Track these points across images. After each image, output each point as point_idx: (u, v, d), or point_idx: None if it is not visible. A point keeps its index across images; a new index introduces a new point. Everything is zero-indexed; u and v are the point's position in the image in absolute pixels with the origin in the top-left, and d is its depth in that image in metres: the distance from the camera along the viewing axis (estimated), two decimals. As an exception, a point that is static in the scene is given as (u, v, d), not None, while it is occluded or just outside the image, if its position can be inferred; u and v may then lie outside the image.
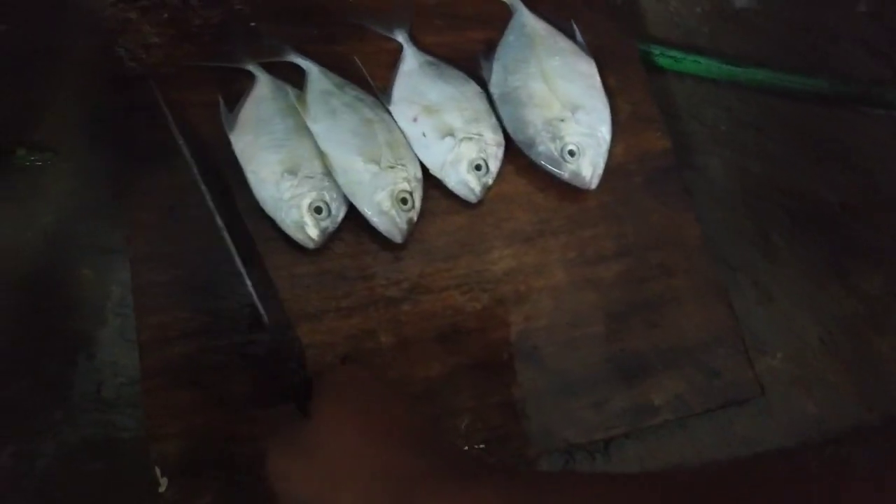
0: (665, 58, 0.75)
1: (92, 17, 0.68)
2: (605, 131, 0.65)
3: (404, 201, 0.60)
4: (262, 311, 0.54)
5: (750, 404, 0.63)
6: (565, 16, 0.71)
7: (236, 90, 0.64)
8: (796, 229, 0.71)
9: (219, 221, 0.55)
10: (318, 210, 0.59)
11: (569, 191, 0.65)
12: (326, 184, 0.60)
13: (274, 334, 0.55)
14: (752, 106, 0.76)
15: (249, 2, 0.68)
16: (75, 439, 0.57)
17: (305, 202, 0.59)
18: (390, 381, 0.59)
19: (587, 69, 0.67)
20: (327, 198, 0.60)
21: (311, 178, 0.60)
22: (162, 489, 0.53)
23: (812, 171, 0.74)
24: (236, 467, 0.55)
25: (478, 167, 0.63)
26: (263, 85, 0.63)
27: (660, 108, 0.71)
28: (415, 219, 0.61)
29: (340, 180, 0.60)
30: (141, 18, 0.66)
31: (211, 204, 0.56)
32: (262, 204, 0.60)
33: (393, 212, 0.60)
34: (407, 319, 0.60)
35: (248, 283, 0.54)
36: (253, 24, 0.67)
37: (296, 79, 0.65)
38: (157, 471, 0.54)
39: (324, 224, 0.60)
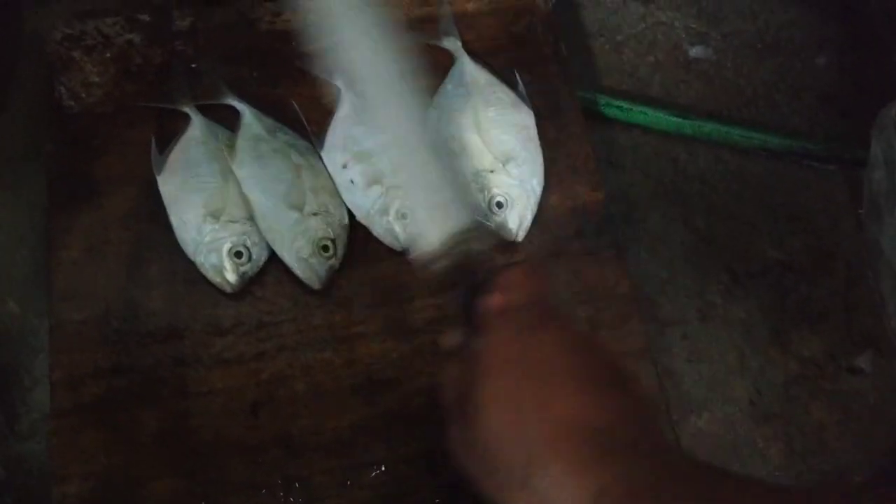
0: (612, 108, 0.75)
1: (38, 52, 0.70)
2: (535, 184, 0.65)
3: (325, 248, 0.60)
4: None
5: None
6: (511, 66, 0.71)
7: (174, 130, 0.65)
8: (735, 287, 0.70)
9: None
10: (238, 254, 0.60)
11: (498, 243, 0.65)
12: (249, 228, 0.61)
13: None
14: (700, 159, 0.76)
15: (192, 43, 0.69)
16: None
17: (226, 246, 0.60)
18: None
19: (524, 120, 0.67)
20: (248, 242, 0.60)
21: (234, 222, 0.61)
22: (59, 531, 0.53)
23: (756, 228, 0.73)
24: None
25: (404, 216, 0.63)
26: (196, 127, 0.64)
27: (604, 159, 0.71)
28: (336, 266, 0.61)
29: (262, 226, 0.60)
30: (84, 57, 0.67)
31: None
32: (183, 246, 0.60)
33: (313, 259, 0.60)
34: (322, 368, 0.60)
35: None
36: (194, 65, 0.68)
37: (233, 121, 0.66)
38: (58, 512, 0.54)
39: (243, 269, 0.60)
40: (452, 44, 0.71)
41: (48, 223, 0.61)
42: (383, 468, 0.58)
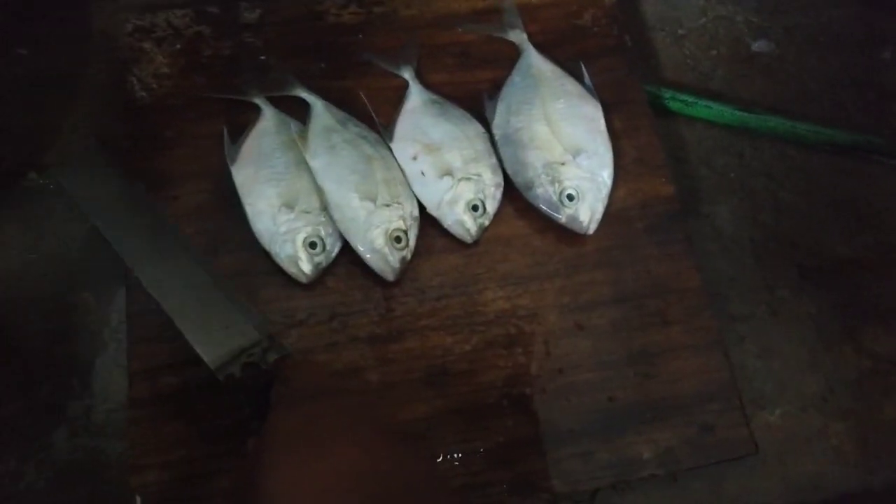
0: (676, 102, 0.74)
1: (109, 45, 0.70)
2: (606, 176, 0.65)
3: (398, 240, 0.60)
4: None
5: (744, 461, 0.61)
6: (576, 57, 0.71)
7: (243, 122, 0.65)
8: (804, 283, 0.69)
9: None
10: (312, 245, 0.60)
11: (567, 235, 0.64)
12: (322, 219, 0.61)
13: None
14: (765, 154, 0.75)
15: (260, 35, 0.69)
16: (62, 462, 0.58)
17: (300, 237, 0.60)
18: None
19: (592, 112, 0.67)
20: (322, 233, 0.60)
21: (308, 213, 0.61)
22: (139, 517, 0.54)
23: (824, 224, 0.72)
24: (215, 503, 0.55)
25: (475, 207, 0.63)
26: (268, 118, 0.64)
27: (668, 153, 0.70)
28: (408, 257, 0.61)
29: (335, 216, 0.60)
30: (155, 49, 0.67)
31: None
32: (257, 236, 0.60)
33: (386, 250, 0.60)
34: (395, 358, 0.60)
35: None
36: (262, 57, 0.68)
37: (302, 113, 0.66)
38: (138, 499, 0.54)
39: (317, 259, 0.60)
40: (517, 36, 0.71)
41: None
42: (456, 459, 0.58)
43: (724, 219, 0.72)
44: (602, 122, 0.67)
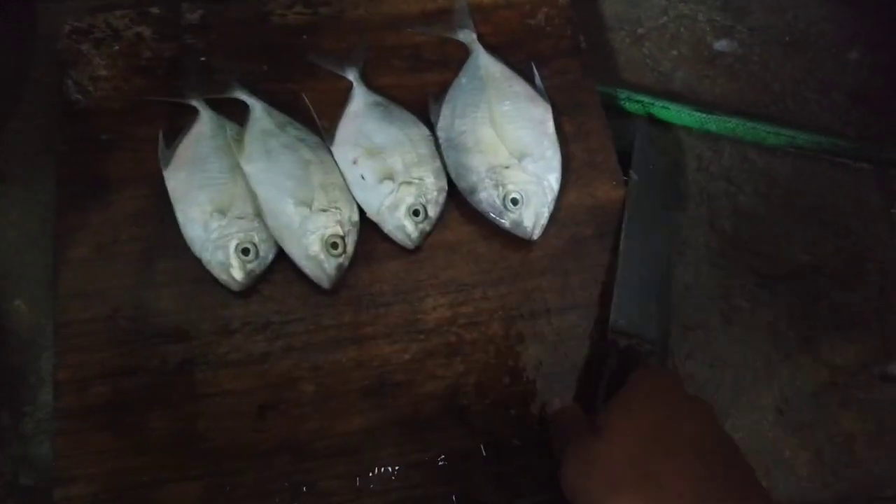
0: (633, 102, 0.72)
1: (50, 47, 0.69)
2: (552, 180, 0.63)
3: (335, 245, 0.59)
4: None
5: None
6: (528, 58, 0.69)
7: (183, 126, 0.64)
8: (761, 291, 0.67)
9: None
10: (245, 251, 0.58)
11: (513, 241, 0.63)
12: (256, 225, 0.59)
13: None
14: (725, 157, 0.73)
15: (202, 37, 0.67)
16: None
17: (233, 243, 0.58)
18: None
19: (541, 115, 0.65)
20: (256, 239, 0.59)
21: (241, 218, 0.59)
22: (60, 534, 0.52)
23: (784, 230, 0.70)
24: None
25: (416, 213, 0.61)
26: (204, 121, 0.63)
27: (620, 156, 0.68)
28: (345, 264, 0.59)
29: (270, 223, 0.59)
30: (92, 50, 0.66)
31: None
32: (189, 243, 0.59)
33: (321, 256, 0.58)
34: (331, 369, 0.58)
35: None
36: (203, 58, 0.67)
37: (244, 117, 0.64)
38: (56, 514, 0.53)
39: (250, 266, 0.58)
40: (467, 36, 0.69)
41: (57, 221, 0.60)
42: (394, 473, 0.56)
43: (681, 224, 0.69)
44: (551, 124, 0.65)
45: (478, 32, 0.69)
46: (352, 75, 0.66)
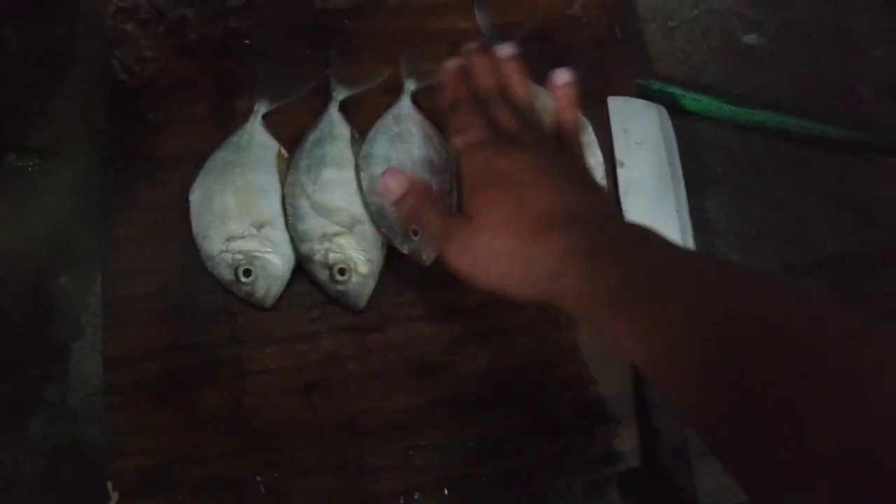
0: (665, 94, 0.73)
1: (96, 27, 0.69)
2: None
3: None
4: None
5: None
6: (566, 48, 0.70)
7: (231, 106, 0.64)
8: (792, 280, 0.68)
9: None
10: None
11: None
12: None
13: None
14: (756, 148, 0.74)
15: (247, 19, 0.68)
16: (36, 446, 0.57)
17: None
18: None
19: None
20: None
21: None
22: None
23: (814, 220, 0.71)
24: (192, 491, 0.55)
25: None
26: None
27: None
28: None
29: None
30: (138, 31, 0.66)
31: None
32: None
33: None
34: (375, 349, 0.59)
35: None
36: (247, 41, 0.67)
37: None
38: (109, 485, 0.54)
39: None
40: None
41: (107, 199, 0.61)
42: (431, 452, 0.58)
43: (711, 213, 0.71)
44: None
45: (514, 21, 0.70)
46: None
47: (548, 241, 0.45)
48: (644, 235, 0.45)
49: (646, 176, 0.66)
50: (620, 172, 0.66)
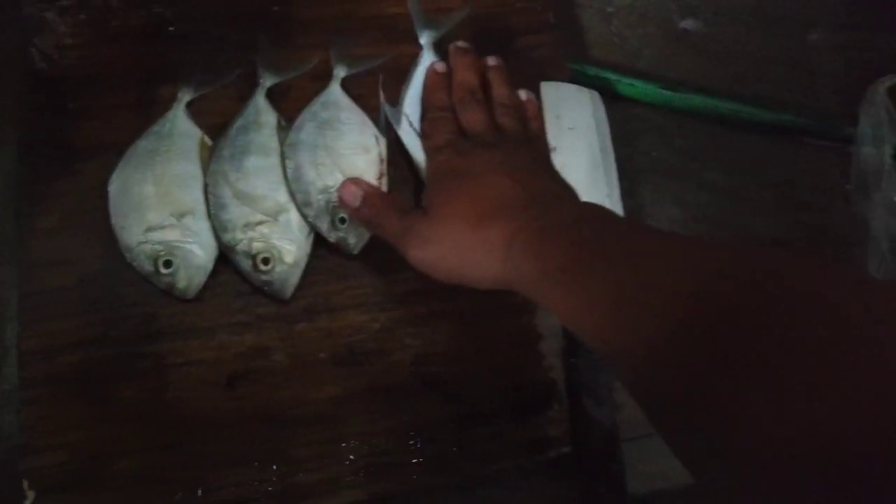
0: (600, 79, 0.73)
1: (15, 15, 0.67)
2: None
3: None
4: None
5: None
6: (501, 33, 0.70)
7: (156, 95, 0.63)
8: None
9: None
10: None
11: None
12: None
13: None
14: (691, 133, 0.74)
15: (170, 5, 0.66)
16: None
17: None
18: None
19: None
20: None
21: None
22: (28, 503, 0.52)
23: (750, 205, 0.72)
24: (112, 486, 0.54)
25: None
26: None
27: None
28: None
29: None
30: (57, 18, 0.65)
31: None
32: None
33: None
34: (302, 338, 0.59)
35: None
36: (172, 28, 0.66)
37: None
38: (25, 483, 0.52)
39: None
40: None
41: (23, 191, 0.59)
42: (359, 441, 0.57)
43: (645, 198, 0.71)
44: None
45: (446, 7, 0.69)
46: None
47: (498, 224, 0.47)
48: (601, 213, 0.47)
49: (577, 161, 0.66)
50: (552, 157, 0.66)
